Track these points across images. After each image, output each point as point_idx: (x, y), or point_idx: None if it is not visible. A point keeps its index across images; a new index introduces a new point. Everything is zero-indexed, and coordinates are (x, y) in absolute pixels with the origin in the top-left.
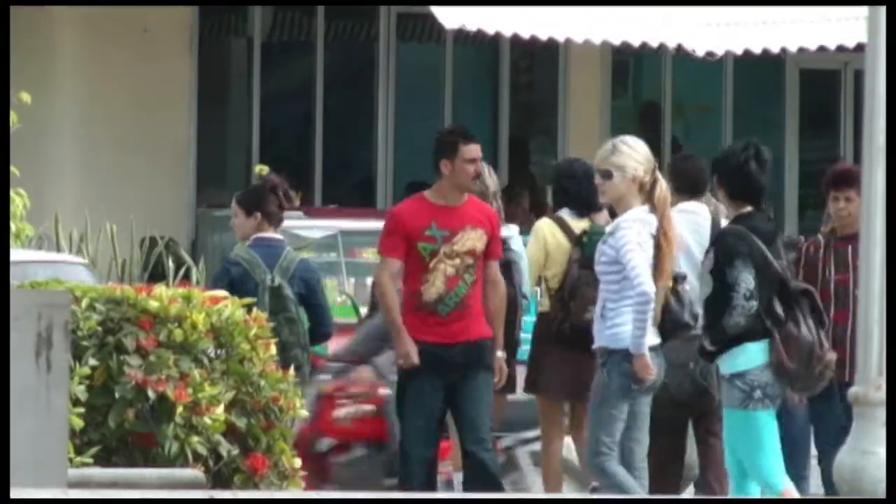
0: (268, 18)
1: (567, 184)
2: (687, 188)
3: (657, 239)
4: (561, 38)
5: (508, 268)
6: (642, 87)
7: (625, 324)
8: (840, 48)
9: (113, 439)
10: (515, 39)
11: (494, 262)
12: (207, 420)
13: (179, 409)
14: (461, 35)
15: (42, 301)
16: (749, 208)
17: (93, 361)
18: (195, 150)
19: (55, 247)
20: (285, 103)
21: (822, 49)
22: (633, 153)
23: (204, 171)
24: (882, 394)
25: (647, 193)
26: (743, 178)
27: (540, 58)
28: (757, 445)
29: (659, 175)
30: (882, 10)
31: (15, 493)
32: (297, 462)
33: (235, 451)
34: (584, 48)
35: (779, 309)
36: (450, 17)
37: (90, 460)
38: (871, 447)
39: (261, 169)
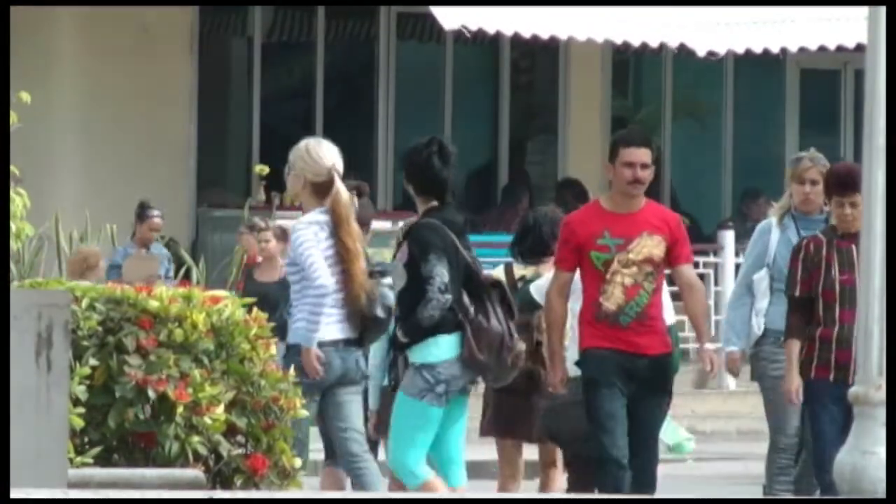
0: (268, 18)
1: (523, 232)
2: None
3: (336, 244)
4: (563, 37)
5: None
6: (642, 87)
7: (304, 321)
8: (840, 48)
9: (113, 439)
10: (516, 38)
11: (685, 267)
12: (208, 420)
13: (180, 409)
14: (461, 35)
15: (42, 301)
16: (435, 203)
17: (93, 361)
18: (195, 150)
19: (55, 247)
20: (285, 103)
21: (822, 49)
22: (306, 155)
23: (204, 171)
24: (882, 394)
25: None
26: (426, 173)
27: (540, 58)
28: (413, 434)
29: (338, 182)
30: (882, 10)
31: (15, 493)
32: (297, 462)
33: (235, 451)
34: (585, 48)
35: (468, 300)
36: (449, 18)
37: (90, 460)
38: (871, 447)
39: (261, 169)
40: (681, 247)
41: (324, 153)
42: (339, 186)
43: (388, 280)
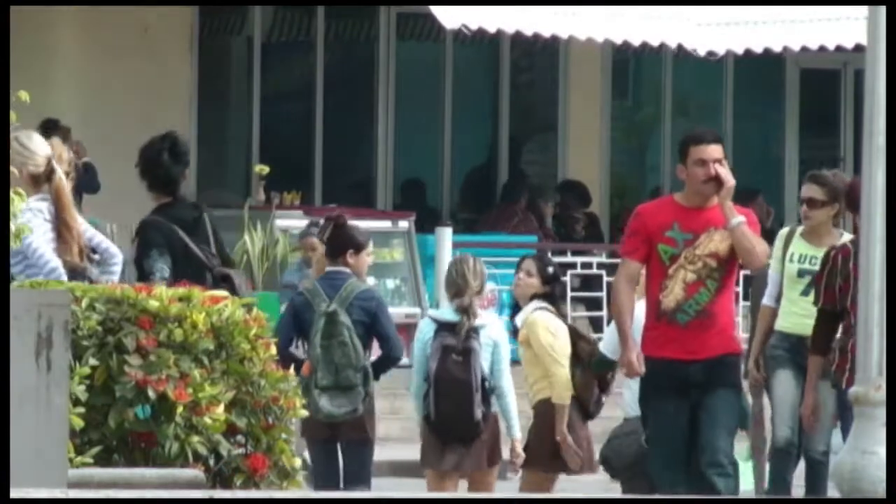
0: (268, 18)
1: None
2: None
3: (59, 227)
4: (564, 36)
5: (468, 355)
6: (642, 87)
7: None
8: (840, 48)
9: (113, 439)
10: (516, 38)
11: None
12: (207, 420)
13: (179, 409)
14: (461, 34)
15: (42, 301)
16: (167, 199)
17: (93, 361)
18: (195, 150)
19: None
20: (285, 103)
21: (822, 49)
22: (23, 149)
23: (204, 171)
24: (882, 394)
25: (47, 185)
26: (157, 169)
27: (540, 57)
28: None
29: (55, 167)
30: (882, 10)
31: (15, 493)
32: (297, 462)
33: (235, 451)
34: (585, 48)
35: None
36: (450, 17)
37: (90, 460)
38: (871, 447)
39: (261, 169)
40: None
41: (38, 144)
42: (60, 173)
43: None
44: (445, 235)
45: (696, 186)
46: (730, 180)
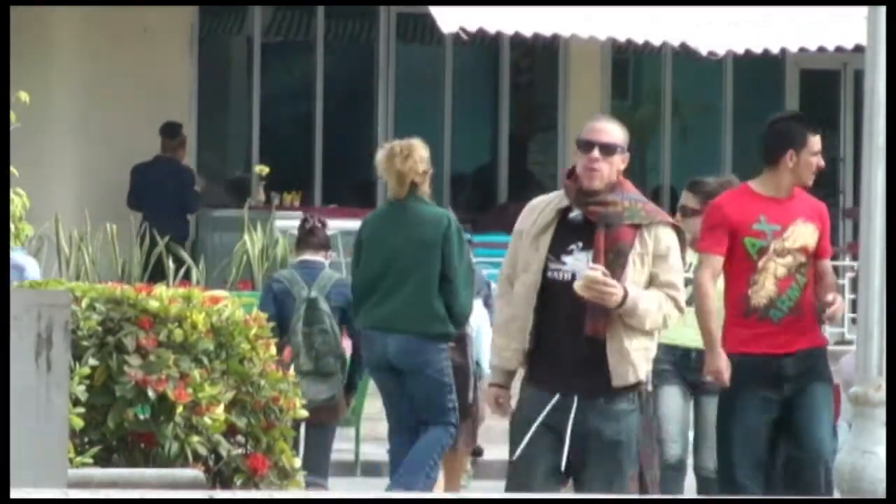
0: (268, 18)
1: None
2: None
3: None
4: (566, 34)
5: (462, 341)
6: (642, 87)
7: None
8: (840, 48)
9: (113, 439)
10: (516, 37)
11: (826, 262)
12: (207, 420)
13: (179, 409)
14: (460, 37)
15: (42, 301)
16: None
17: (93, 361)
18: (195, 150)
19: (55, 247)
20: (285, 103)
21: (822, 49)
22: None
23: (204, 171)
24: (882, 394)
25: None
26: None
27: (540, 58)
28: None
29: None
30: (882, 10)
31: (15, 493)
32: (297, 461)
33: (235, 451)
34: (584, 48)
35: None
36: (449, 19)
37: (90, 460)
38: (871, 447)
39: (261, 169)
40: (826, 239)
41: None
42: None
43: None
44: None
45: (805, 175)
46: None
